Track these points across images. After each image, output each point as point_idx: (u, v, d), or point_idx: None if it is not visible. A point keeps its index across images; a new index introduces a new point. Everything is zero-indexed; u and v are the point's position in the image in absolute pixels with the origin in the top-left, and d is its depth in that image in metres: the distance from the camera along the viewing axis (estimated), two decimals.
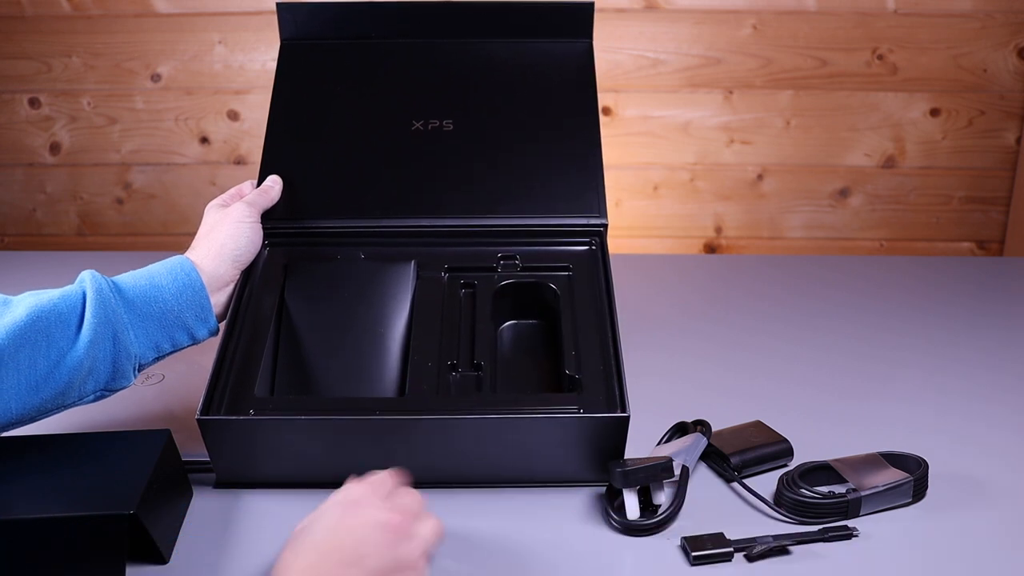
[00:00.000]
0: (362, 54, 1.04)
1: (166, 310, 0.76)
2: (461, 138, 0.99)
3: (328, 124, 1.01)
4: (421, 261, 0.90)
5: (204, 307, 0.79)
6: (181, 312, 0.77)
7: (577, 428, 0.76)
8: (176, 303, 0.77)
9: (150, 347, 0.76)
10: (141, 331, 0.75)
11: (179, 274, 0.78)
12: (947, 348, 1.07)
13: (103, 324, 0.72)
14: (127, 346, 0.74)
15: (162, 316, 0.76)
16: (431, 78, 1.04)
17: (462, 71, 1.04)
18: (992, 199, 1.59)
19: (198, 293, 0.78)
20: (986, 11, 1.49)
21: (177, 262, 0.79)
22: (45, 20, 1.54)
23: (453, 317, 0.86)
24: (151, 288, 0.76)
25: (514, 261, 0.91)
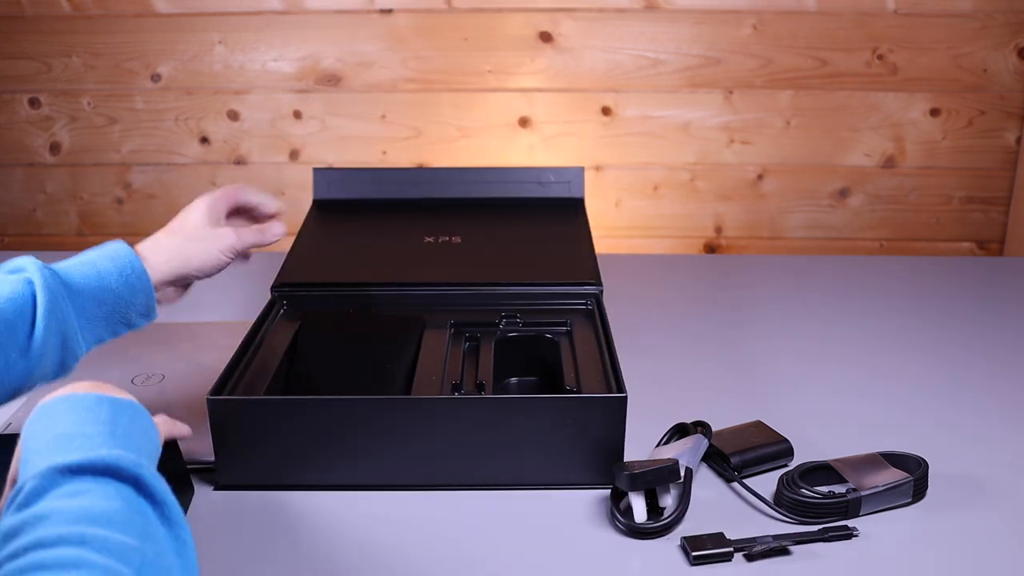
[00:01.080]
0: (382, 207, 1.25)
1: (114, 309, 0.74)
2: (468, 246, 1.12)
3: (351, 236, 1.17)
4: (428, 318, 0.95)
5: (150, 305, 0.76)
6: (127, 311, 0.75)
7: (576, 410, 0.76)
8: (124, 302, 0.74)
9: (93, 342, 0.75)
10: (89, 331, 0.73)
11: (129, 274, 0.75)
12: (947, 348, 1.07)
13: (54, 332, 0.70)
14: (74, 348, 0.72)
15: (109, 315, 0.74)
16: (441, 206, 1.24)
17: (468, 201, 1.26)
18: (992, 199, 1.59)
19: (146, 293, 0.76)
20: (986, 11, 1.49)
21: (126, 259, 0.75)
22: (45, 20, 1.54)
23: (456, 360, 0.89)
24: (100, 290, 0.73)
25: (515, 318, 0.95)
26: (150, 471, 0.54)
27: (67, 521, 0.48)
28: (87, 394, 0.60)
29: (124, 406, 0.61)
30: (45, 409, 0.59)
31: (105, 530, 0.48)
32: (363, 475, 0.78)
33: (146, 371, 0.98)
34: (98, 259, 0.75)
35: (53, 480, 0.51)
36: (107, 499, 0.50)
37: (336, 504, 0.77)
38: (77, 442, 0.55)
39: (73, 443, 0.55)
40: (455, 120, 1.58)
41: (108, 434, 0.57)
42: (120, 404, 0.61)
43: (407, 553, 0.71)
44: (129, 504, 0.51)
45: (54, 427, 0.57)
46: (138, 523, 0.50)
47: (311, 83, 1.56)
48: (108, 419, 0.58)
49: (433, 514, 0.76)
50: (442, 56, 1.54)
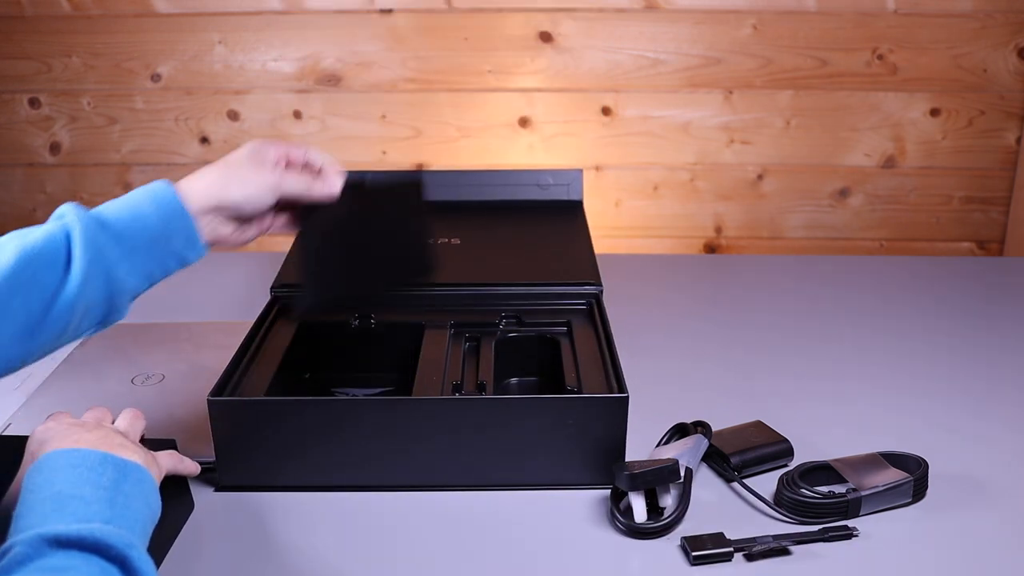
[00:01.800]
0: None
1: (154, 239, 0.73)
2: (468, 248, 1.12)
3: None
4: (428, 321, 0.95)
5: (191, 234, 0.74)
6: (169, 241, 0.73)
7: (577, 410, 0.76)
8: (163, 232, 0.73)
9: (143, 277, 0.73)
10: (131, 264, 0.72)
11: (162, 203, 0.73)
12: (947, 348, 1.07)
13: (94, 263, 0.69)
14: (120, 281, 0.71)
15: (150, 246, 0.73)
16: (440, 208, 1.23)
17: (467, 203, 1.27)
18: (992, 199, 1.59)
19: (183, 220, 0.74)
20: (986, 11, 1.49)
21: (159, 187, 0.74)
22: (45, 20, 1.54)
23: (457, 361, 0.89)
24: (135, 220, 0.72)
25: (516, 319, 0.95)
26: (139, 553, 0.53)
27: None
28: (93, 451, 0.60)
29: (129, 469, 0.60)
30: (49, 461, 0.59)
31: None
32: (364, 476, 0.78)
33: (146, 371, 0.98)
34: (134, 193, 0.74)
35: (39, 550, 0.50)
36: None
37: (336, 505, 0.77)
38: (72, 506, 0.55)
39: (68, 507, 0.54)
40: (455, 120, 1.58)
41: (106, 501, 0.56)
42: (125, 467, 0.60)
43: (407, 553, 0.71)
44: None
45: (54, 483, 0.56)
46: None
47: (311, 83, 1.56)
48: (110, 483, 0.58)
49: (433, 514, 0.76)
50: (442, 56, 1.54)
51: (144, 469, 0.62)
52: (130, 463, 0.61)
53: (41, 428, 0.66)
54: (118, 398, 0.93)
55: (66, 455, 0.59)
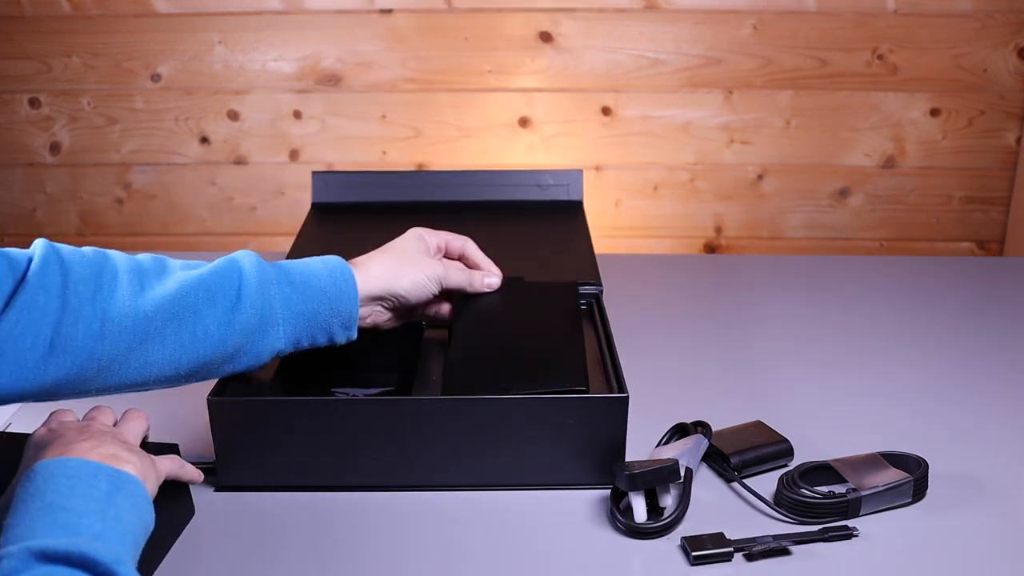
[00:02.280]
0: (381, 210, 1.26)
1: (319, 309, 0.75)
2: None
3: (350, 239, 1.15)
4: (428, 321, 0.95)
5: (351, 317, 0.77)
6: (331, 316, 0.76)
7: (577, 411, 0.76)
8: (329, 304, 0.75)
9: (291, 342, 0.75)
10: (290, 325, 0.74)
11: (338, 276, 0.76)
12: (947, 348, 1.07)
13: (257, 314, 0.72)
14: (273, 341, 0.73)
15: (312, 315, 0.75)
16: (440, 209, 1.25)
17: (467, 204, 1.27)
18: (992, 199, 1.59)
19: (350, 299, 0.76)
20: (986, 11, 1.49)
21: (337, 263, 0.77)
22: (45, 20, 1.54)
23: None
24: (308, 283, 0.75)
25: None
26: (128, 570, 0.53)
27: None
28: (87, 462, 0.59)
29: (123, 481, 0.59)
30: (43, 470, 0.58)
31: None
32: (363, 475, 0.78)
33: None
34: (311, 260, 0.77)
35: (26, 563, 0.50)
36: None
37: (336, 504, 0.77)
38: (63, 518, 0.54)
39: (59, 519, 0.54)
40: (455, 120, 1.58)
41: (98, 514, 0.56)
42: (119, 479, 0.59)
43: (407, 553, 0.71)
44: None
45: (46, 493, 0.56)
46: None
47: (311, 83, 1.56)
48: (103, 496, 0.57)
49: (433, 514, 0.76)
50: (442, 56, 1.54)
51: (138, 481, 0.61)
52: (124, 475, 0.60)
53: (41, 431, 0.66)
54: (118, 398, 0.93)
55: (60, 465, 0.58)
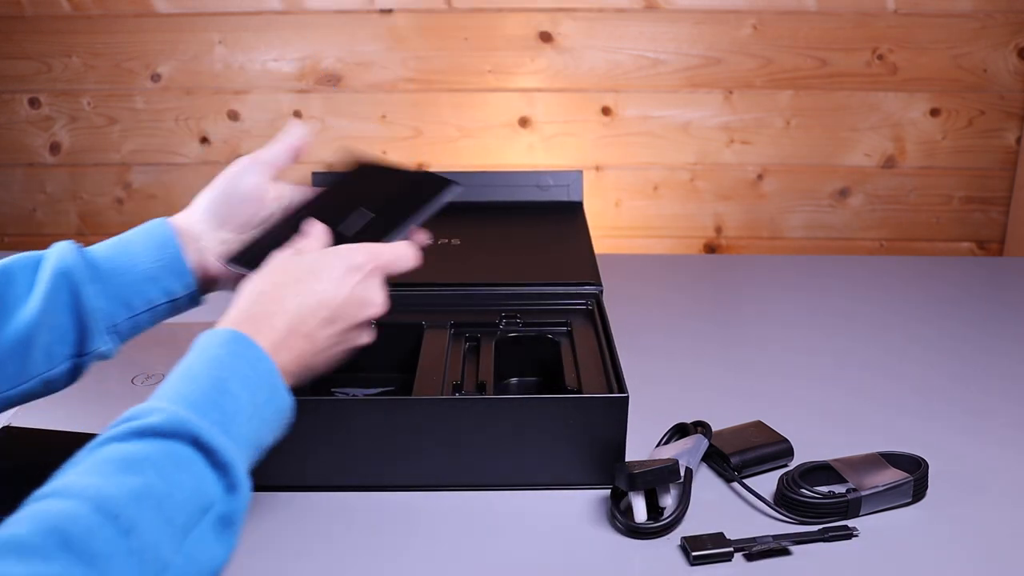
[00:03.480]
0: None
1: (131, 264, 0.70)
2: (468, 248, 1.12)
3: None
4: (428, 321, 0.95)
5: (175, 259, 0.71)
6: (148, 266, 0.71)
7: (577, 410, 0.76)
8: (143, 256, 0.71)
9: (119, 304, 0.70)
10: (104, 284, 0.69)
11: (149, 227, 0.72)
12: (947, 348, 1.07)
13: (57, 278, 0.67)
14: (87, 301, 0.68)
15: (127, 270, 0.70)
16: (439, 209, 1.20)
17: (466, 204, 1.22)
18: (992, 199, 1.59)
19: (166, 244, 0.71)
20: (986, 11, 1.49)
21: (152, 221, 0.73)
22: (45, 20, 1.54)
23: (457, 361, 0.89)
24: (118, 243, 0.71)
25: (516, 319, 0.95)
26: (242, 477, 0.53)
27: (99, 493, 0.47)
28: (274, 371, 0.60)
29: (280, 398, 0.60)
30: (240, 345, 0.60)
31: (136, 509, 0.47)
32: (363, 475, 0.78)
33: (146, 371, 0.98)
34: (130, 231, 0.73)
35: (173, 434, 0.52)
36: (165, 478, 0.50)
37: (336, 504, 0.77)
38: (226, 404, 0.56)
39: (222, 403, 0.56)
40: (455, 120, 1.58)
41: (249, 419, 0.57)
42: (278, 395, 0.60)
43: (407, 553, 0.71)
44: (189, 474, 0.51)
45: (225, 371, 0.58)
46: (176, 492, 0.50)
47: (311, 83, 1.56)
48: (261, 403, 0.58)
49: (433, 514, 0.76)
50: (442, 56, 1.54)
51: (289, 404, 0.61)
52: (283, 394, 0.60)
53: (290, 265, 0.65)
54: (118, 398, 0.93)
55: (255, 355, 0.59)
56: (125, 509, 0.46)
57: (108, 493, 0.47)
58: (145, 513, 0.47)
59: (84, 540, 0.44)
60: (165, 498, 0.48)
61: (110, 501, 0.46)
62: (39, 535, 0.43)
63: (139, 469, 0.49)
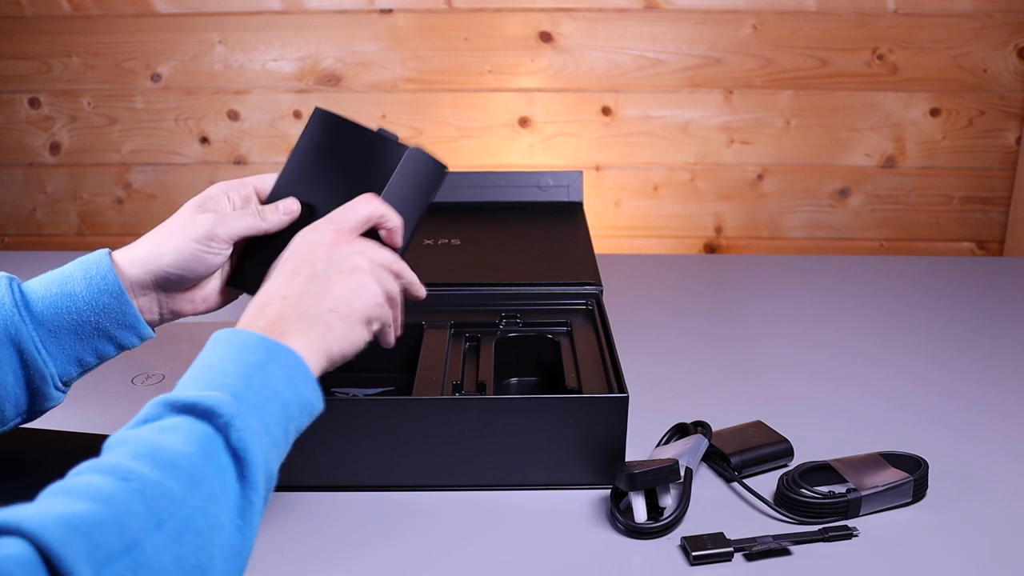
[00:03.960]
0: None
1: (82, 321, 0.67)
2: (468, 248, 1.12)
3: None
4: (428, 321, 0.95)
5: (127, 314, 0.68)
6: (99, 321, 0.68)
7: (577, 410, 0.76)
8: (92, 312, 0.67)
9: (70, 362, 0.68)
10: (54, 347, 0.67)
11: (94, 278, 0.68)
12: (947, 348, 1.07)
13: (4, 347, 0.65)
14: (38, 366, 0.66)
15: (78, 328, 0.67)
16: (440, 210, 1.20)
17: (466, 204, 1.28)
18: (992, 199, 1.59)
19: (118, 299, 0.68)
20: (986, 11, 1.49)
21: (94, 263, 0.68)
22: (45, 20, 1.54)
23: (457, 361, 0.89)
24: (63, 297, 0.67)
25: (516, 318, 0.95)
26: (244, 424, 0.53)
27: (132, 454, 0.49)
28: (250, 333, 0.59)
29: (281, 354, 0.58)
30: (216, 337, 0.59)
31: (159, 472, 0.48)
32: (363, 475, 0.78)
33: (146, 371, 0.98)
34: (70, 265, 0.69)
35: (160, 412, 0.53)
36: (186, 443, 0.51)
37: (336, 504, 0.77)
38: (209, 377, 0.56)
39: (205, 378, 0.56)
40: (455, 120, 1.58)
41: (244, 377, 0.56)
42: (277, 351, 0.58)
43: (407, 553, 0.71)
44: (206, 454, 0.51)
45: (208, 357, 0.58)
46: (201, 474, 0.50)
47: (311, 83, 1.56)
48: (257, 362, 0.57)
49: (433, 514, 0.76)
50: (442, 56, 1.54)
51: (300, 359, 0.59)
52: (284, 349, 0.59)
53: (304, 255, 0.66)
54: (118, 398, 0.93)
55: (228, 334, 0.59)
56: (119, 464, 0.49)
57: (101, 460, 0.50)
58: (140, 463, 0.49)
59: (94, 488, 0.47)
60: (156, 449, 0.50)
61: (104, 463, 0.49)
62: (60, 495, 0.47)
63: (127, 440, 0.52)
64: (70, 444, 0.75)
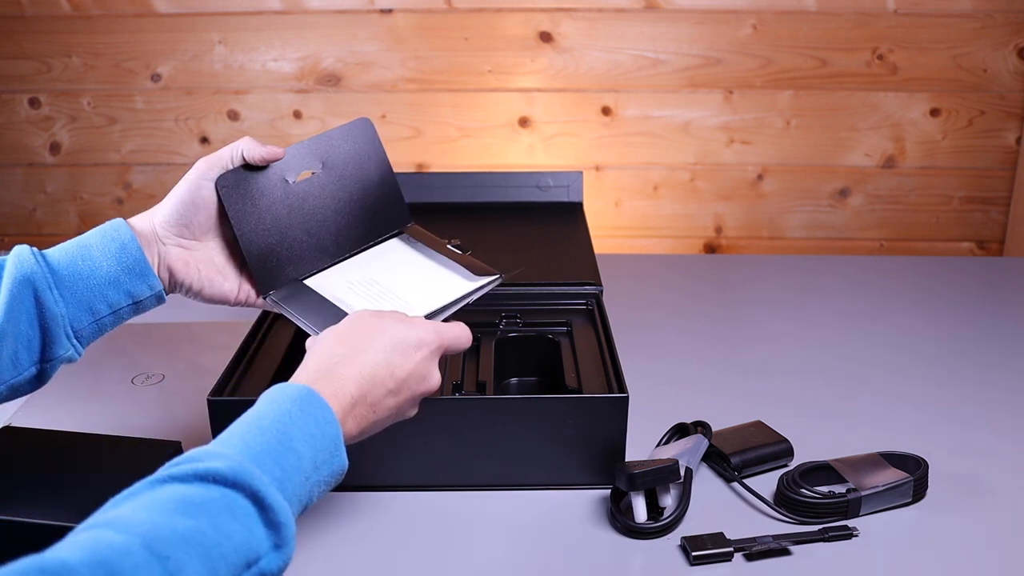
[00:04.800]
0: None
1: (94, 267, 0.70)
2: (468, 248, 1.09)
3: None
4: None
5: (138, 261, 0.71)
6: (110, 268, 0.70)
7: (577, 410, 0.76)
8: (104, 258, 0.70)
9: (82, 309, 0.70)
10: (66, 290, 0.69)
11: (107, 230, 0.72)
12: (947, 348, 1.07)
13: (19, 284, 0.67)
14: (50, 308, 0.68)
15: (89, 274, 0.69)
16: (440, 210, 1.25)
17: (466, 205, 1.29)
18: (992, 199, 1.59)
19: (127, 247, 0.71)
20: (986, 11, 1.49)
21: (109, 224, 0.73)
22: (45, 20, 1.54)
23: (457, 361, 0.89)
24: (77, 248, 0.71)
25: (516, 318, 0.95)
26: (272, 495, 0.53)
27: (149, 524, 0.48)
28: (335, 423, 0.59)
29: (338, 453, 0.59)
30: (311, 403, 0.59)
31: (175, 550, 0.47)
32: (363, 475, 0.78)
33: (146, 371, 0.98)
34: (89, 233, 0.72)
35: (234, 484, 0.52)
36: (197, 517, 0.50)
37: (335, 504, 0.77)
38: (288, 461, 0.56)
39: (284, 460, 0.55)
40: (455, 120, 1.58)
41: (305, 475, 0.57)
42: (337, 449, 0.59)
43: (407, 553, 0.71)
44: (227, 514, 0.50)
45: (287, 427, 0.57)
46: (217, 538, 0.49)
47: (311, 83, 1.56)
48: (320, 461, 0.58)
49: (433, 514, 0.76)
50: (442, 56, 1.54)
51: (345, 469, 0.60)
52: (341, 451, 0.59)
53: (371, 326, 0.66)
54: (118, 398, 0.93)
55: (321, 409, 0.59)
56: (175, 551, 0.46)
57: (160, 534, 0.47)
58: (193, 558, 0.47)
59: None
60: (214, 546, 0.48)
61: (161, 541, 0.46)
62: (87, 566, 0.44)
63: (195, 513, 0.49)
64: (70, 444, 0.75)
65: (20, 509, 0.66)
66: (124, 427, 0.87)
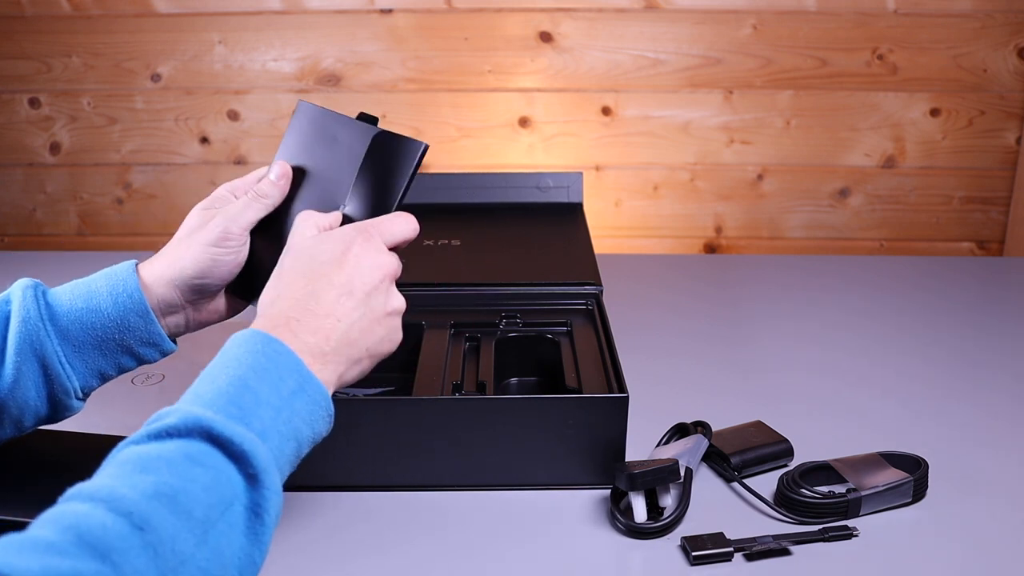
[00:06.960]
0: None
1: (106, 338, 0.67)
2: (468, 249, 1.13)
3: None
4: (428, 321, 0.95)
5: (151, 332, 0.69)
6: (124, 339, 0.68)
7: (577, 410, 0.76)
8: (117, 330, 0.68)
9: (92, 375, 0.69)
10: (78, 361, 0.67)
11: (121, 296, 0.68)
12: (947, 348, 1.07)
13: (28, 360, 0.65)
14: (61, 380, 0.66)
15: (102, 344, 0.68)
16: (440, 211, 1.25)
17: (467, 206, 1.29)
18: (992, 199, 1.59)
19: (144, 318, 0.68)
20: (986, 11, 1.49)
21: (121, 280, 0.68)
22: (45, 20, 1.54)
23: (457, 361, 0.89)
24: (89, 312, 0.67)
25: (516, 319, 0.95)
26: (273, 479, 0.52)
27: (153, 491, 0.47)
28: (291, 355, 0.57)
29: (311, 388, 0.57)
30: (253, 343, 0.57)
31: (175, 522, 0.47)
32: (362, 475, 0.78)
33: (146, 371, 0.98)
34: (97, 278, 0.69)
35: (189, 432, 0.51)
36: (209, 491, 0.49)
37: (335, 504, 0.77)
38: (241, 395, 0.54)
39: (237, 393, 0.54)
40: (455, 120, 1.58)
41: (273, 410, 0.55)
42: (308, 384, 0.57)
43: (407, 553, 0.71)
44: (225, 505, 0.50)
45: (241, 366, 0.56)
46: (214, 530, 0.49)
47: (311, 83, 1.56)
48: (288, 394, 0.56)
49: (433, 514, 0.76)
50: (442, 56, 1.54)
51: (325, 392, 0.58)
52: (313, 380, 0.57)
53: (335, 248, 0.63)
54: (118, 398, 0.93)
55: (271, 344, 0.57)
56: (138, 506, 0.46)
57: (121, 493, 0.47)
58: (159, 509, 0.47)
59: (98, 536, 0.44)
60: (180, 493, 0.48)
61: (123, 500, 0.46)
62: (56, 533, 0.44)
63: (153, 468, 0.49)
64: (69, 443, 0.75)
65: (19, 509, 0.66)
66: (124, 427, 0.87)
